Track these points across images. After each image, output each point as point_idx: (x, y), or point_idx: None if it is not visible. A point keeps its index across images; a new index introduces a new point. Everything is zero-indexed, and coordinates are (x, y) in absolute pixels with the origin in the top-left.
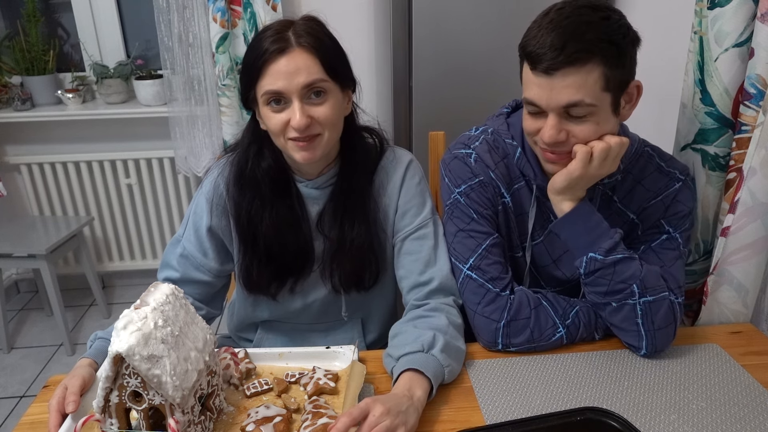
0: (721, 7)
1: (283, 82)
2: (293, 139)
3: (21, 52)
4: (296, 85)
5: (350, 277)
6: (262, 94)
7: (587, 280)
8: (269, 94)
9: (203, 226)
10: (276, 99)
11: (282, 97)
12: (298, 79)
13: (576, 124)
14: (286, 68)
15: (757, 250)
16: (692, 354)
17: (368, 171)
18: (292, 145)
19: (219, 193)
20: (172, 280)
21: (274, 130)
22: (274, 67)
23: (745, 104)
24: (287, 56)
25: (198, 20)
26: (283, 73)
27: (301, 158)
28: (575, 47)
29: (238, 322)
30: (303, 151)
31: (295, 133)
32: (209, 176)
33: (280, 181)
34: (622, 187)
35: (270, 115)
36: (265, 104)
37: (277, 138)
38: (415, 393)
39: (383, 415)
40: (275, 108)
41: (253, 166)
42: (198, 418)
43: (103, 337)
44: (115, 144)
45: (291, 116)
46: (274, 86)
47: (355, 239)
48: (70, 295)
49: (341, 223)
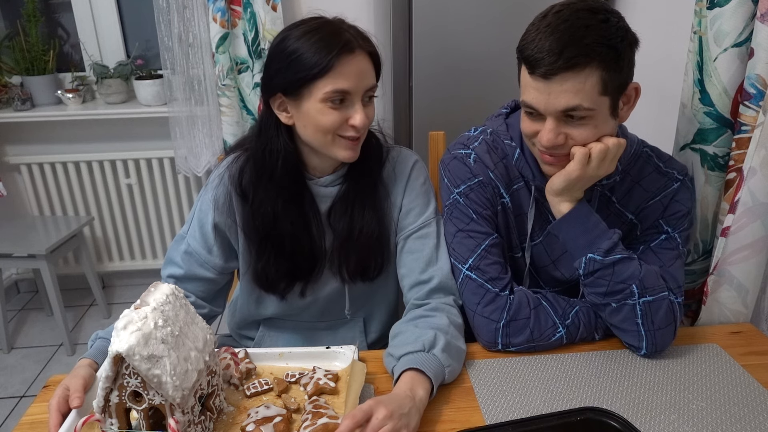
0: (721, 7)
1: (353, 82)
2: (347, 138)
3: (21, 52)
4: (363, 86)
5: (357, 265)
6: (327, 91)
7: (586, 281)
8: (337, 92)
9: (209, 223)
10: (342, 98)
11: (346, 97)
12: (365, 82)
13: (574, 127)
14: (356, 69)
15: (757, 250)
16: (692, 354)
17: (377, 166)
18: (341, 143)
19: (225, 192)
20: (176, 276)
21: (329, 126)
22: (343, 66)
23: (745, 104)
24: (354, 57)
25: (198, 20)
26: (353, 73)
27: (347, 156)
28: (573, 52)
29: (241, 320)
30: (350, 150)
31: (353, 132)
32: (215, 173)
33: (294, 178)
34: (620, 188)
35: (328, 112)
36: (323, 101)
37: (323, 135)
38: (416, 393)
39: (386, 418)
40: (336, 106)
41: (274, 162)
42: (198, 418)
43: (104, 337)
44: (115, 144)
45: (352, 115)
46: (343, 86)
47: (365, 227)
48: (70, 295)
49: (351, 213)
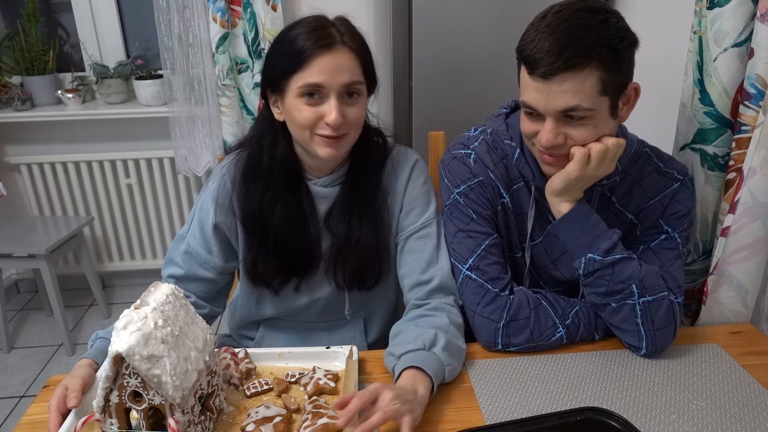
0: (720, 7)
1: (327, 77)
2: (322, 135)
3: (21, 52)
4: (338, 82)
5: (353, 274)
6: (299, 86)
7: (586, 281)
8: (309, 86)
9: (209, 223)
10: (313, 92)
11: (319, 92)
12: (341, 77)
13: (574, 127)
14: (332, 64)
15: (757, 250)
16: (692, 354)
17: (377, 170)
18: (318, 141)
19: (225, 191)
20: (176, 276)
21: (304, 123)
22: (319, 61)
23: (745, 104)
24: (333, 52)
25: (198, 20)
26: (328, 68)
27: (326, 154)
28: (573, 52)
29: (240, 320)
30: (329, 147)
31: (327, 130)
32: (215, 173)
33: (292, 175)
34: (620, 188)
35: (302, 108)
36: (298, 96)
37: (302, 131)
38: (418, 389)
39: (393, 400)
40: (309, 101)
41: (269, 157)
42: (198, 418)
43: (104, 337)
44: (115, 144)
45: (326, 112)
46: (316, 79)
47: (362, 237)
48: (70, 295)
49: (349, 221)
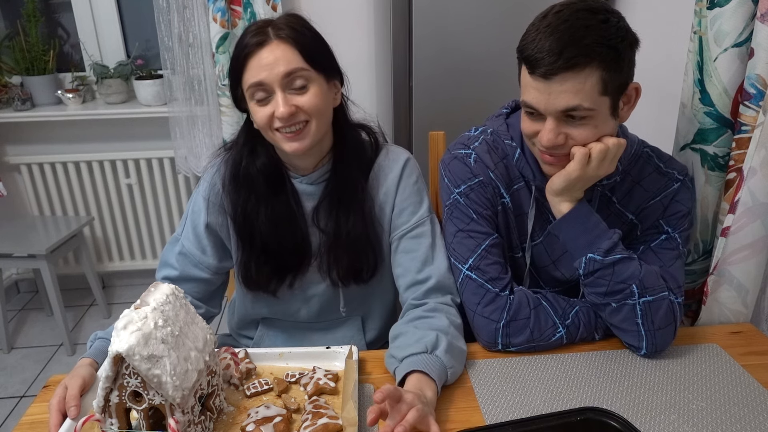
0: (721, 7)
1: (265, 73)
2: (281, 131)
3: (21, 52)
4: (276, 75)
5: (348, 269)
6: (247, 89)
7: (586, 281)
8: (253, 87)
9: (201, 224)
10: (260, 92)
11: (265, 90)
12: (278, 69)
13: (574, 127)
14: (266, 60)
15: (757, 250)
16: (692, 354)
17: (362, 165)
18: (280, 137)
19: (216, 191)
20: (171, 278)
21: (261, 123)
22: (254, 60)
23: (745, 104)
24: (267, 48)
25: (198, 20)
26: (263, 65)
27: (291, 149)
28: (573, 52)
29: (239, 320)
30: (292, 141)
31: (280, 123)
32: (206, 174)
33: (274, 178)
34: (620, 188)
35: (256, 110)
36: (251, 99)
37: (266, 132)
38: (426, 394)
39: (416, 399)
40: (260, 102)
41: (248, 164)
42: (198, 418)
43: (104, 337)
44: (115, 144)
45: (275, 107)
46: (255, 78)
47: (351, 231)
48: (70, 295)
49: (336, 216)
